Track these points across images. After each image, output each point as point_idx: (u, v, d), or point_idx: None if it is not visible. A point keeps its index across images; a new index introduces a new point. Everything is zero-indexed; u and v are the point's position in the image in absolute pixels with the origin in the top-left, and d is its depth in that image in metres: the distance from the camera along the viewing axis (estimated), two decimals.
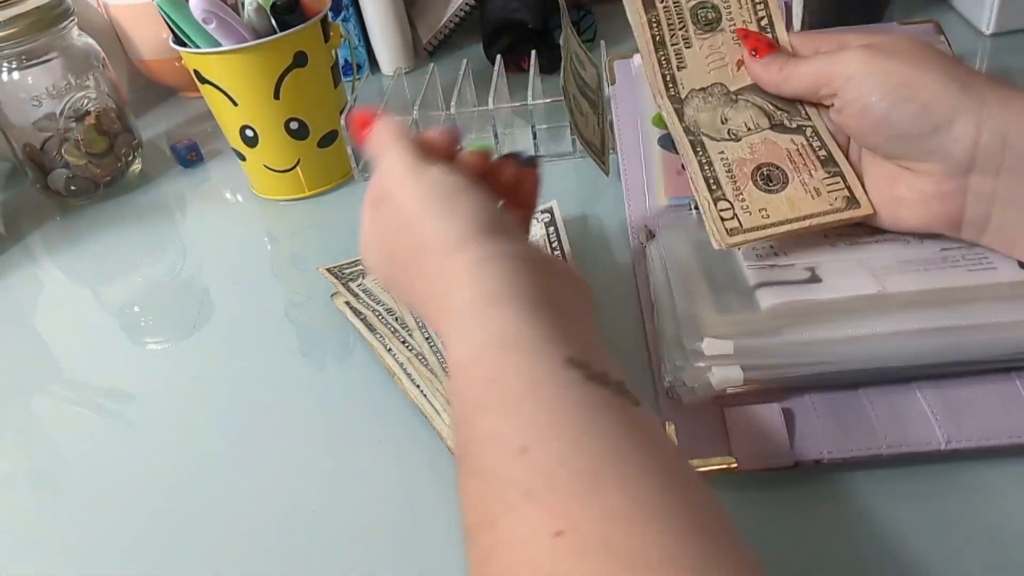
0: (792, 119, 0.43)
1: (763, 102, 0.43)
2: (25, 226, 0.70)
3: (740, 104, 0.43)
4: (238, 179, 0.70)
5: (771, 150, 0.42)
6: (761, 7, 0.44)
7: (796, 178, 0.41)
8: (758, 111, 0.43)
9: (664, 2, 0.43)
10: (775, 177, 0.41)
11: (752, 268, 0.41)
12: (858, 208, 0.40)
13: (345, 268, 0.52)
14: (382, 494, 0.39)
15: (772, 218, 0.40)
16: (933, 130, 0.36)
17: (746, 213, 0.40)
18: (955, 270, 0.38)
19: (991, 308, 0.37)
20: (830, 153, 0.42)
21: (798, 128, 0.42)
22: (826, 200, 0.40)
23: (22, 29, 0.63)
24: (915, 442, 0.35)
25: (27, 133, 0.68)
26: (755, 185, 0.41)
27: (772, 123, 0.43)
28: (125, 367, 0.52)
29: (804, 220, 0.40)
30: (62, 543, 0.40)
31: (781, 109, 0.43)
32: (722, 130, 0.43)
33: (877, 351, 0.37)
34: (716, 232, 0.40)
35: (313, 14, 0.60)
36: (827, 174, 0.41)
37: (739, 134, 0.43)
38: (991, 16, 0.70)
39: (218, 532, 0.39)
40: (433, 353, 0.44)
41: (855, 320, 0.37)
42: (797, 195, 0.41)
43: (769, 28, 0.44)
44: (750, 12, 0.44)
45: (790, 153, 0.42)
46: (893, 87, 0.37)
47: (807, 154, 0.42)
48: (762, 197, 0.41)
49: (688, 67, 0.43)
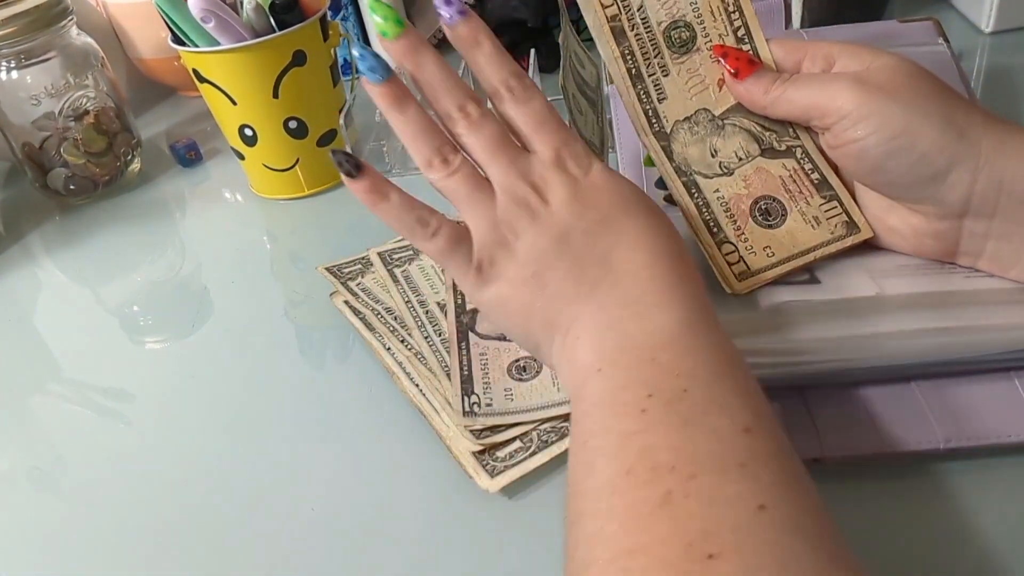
0: (781, 140, 0.41)
1: (750, 124, 0.42)
2: (24, 225, 0.70)
3: (728, 130, 0.42)
4: (237, 178, 0.70)
5: (765, 180, 0.41)
6: (736, 16, 0.41)
7: (794, 208, 0.40)
8: (747, 136, 0.42)
9: (635, 30, 0.41)
10: (773, 211, 0.40)
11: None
12: (858, 233, 0.40)
13: (344, 267, 0.52)
14: (381, 493, 0.39)
15: (777, 255, 0.40)
16: (929, 179, 0.36)
17: (751, 254, 0.40)
18: (953, 275, 0.38)
19: (989, 312, 0.37)
20: (823, 175, 0.41)
21: (788, 150, 0.41)
22: (826, 228, 0.40)
23: (21, 28, 0.63)
24: (913, 441, 0.35)
25: (26, 132, 0.67)
26: (755, 222, 0.40)
27: (762, 148, 0.41)
28: (124, 366, 0.52)
29: (808, 253, 0.40)
30: (62, 542, 0.40)
31: (769, 129, 0.42)
32: (713, 164, 0.41)
33: (876, 350, 0.37)
34: (725, 279, 0.40)
35: (312, 13, 0.60)
36: (823, 199, 0.40)
37: (731, 166, 0.41)
38: (991, 14, 0.70)
39: (217, 531, 0.39)
40: (432, 353, 0.44)
41: (853, 320, 0.37)
42: (798, 227, 0.40)
43: (747, 38, 0.41)
44: (725, 23, 0.42)
45: (784, 181, 0.41)
46: (891, 135, 0.35)
47: (800, 180, 0.41)
48: (764, 234, 0.40)
49: (669, 97, 0.42)
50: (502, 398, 0.40)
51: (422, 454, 0.40)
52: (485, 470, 0.38)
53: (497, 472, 0.37)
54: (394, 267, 0.50)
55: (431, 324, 0.46)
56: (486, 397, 0.40)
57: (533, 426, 0.39)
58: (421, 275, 0.50)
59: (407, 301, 0.47)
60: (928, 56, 0.51)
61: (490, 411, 0.39)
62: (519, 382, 0.41)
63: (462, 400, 0.40)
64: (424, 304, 0.47)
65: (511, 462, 0.38)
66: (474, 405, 0.39)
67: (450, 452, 0.39)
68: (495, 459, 0.38)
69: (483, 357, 0.42)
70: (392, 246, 0.53)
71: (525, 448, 0.38)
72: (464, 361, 0.41)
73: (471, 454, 0.38)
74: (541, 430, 0.39)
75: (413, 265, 0.51)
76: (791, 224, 0.40)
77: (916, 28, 0.52)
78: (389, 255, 0.52)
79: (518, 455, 0.38)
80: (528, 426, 0.39)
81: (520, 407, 0.40)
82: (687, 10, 0.41)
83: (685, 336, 0.31)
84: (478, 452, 0.38)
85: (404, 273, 0.50)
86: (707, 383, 0.29)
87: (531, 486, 0.38)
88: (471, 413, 0.39)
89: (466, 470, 0.38)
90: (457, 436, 0.39)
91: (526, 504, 0.37)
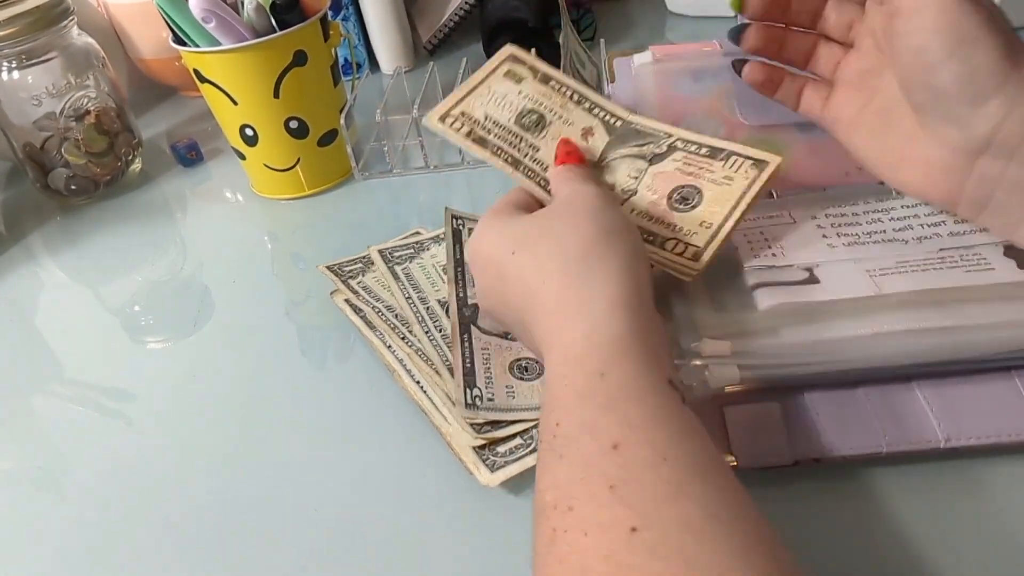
0: (659, 144, 0.44)
1: (626, 150, 0.44)
2: (25, 225, 0.70)
3: (612, 165, 0.44)
4: (238, 178, 0.70)
5: (667, 178, 0.43)
6: (563, 88, 0.46)
7: (704, 181, 0.42)
8: (630, 160, 0.44)
9: (491, 133, 0.45)
10: (688, 195, 0.42)
11: (751, 269, 0.41)
12: (767, 165, 0.41)
13: (345, 266, 0.52)
14: (383, 491, 0.39)
15: (715, 223, 0.40)
16: (970, 100, 0.35)
17: (692, 235, 0.40)
18: (953, 271, 0.38)
19: (989, 309, 0.37)
20: (709, 145, 0.43)
21: (669, 148, 0.44)
22: (741, 179, 0.41)
23: (22, 28, 0.64)
24: (914, 440, 0.35)
25: (27, 132, 0.68)
26: (679, 211, 0.41)
27: (648, 159, 0.44)
28: (125, 366, 0.52)
29: (739, 205, 0.40)
30: (63, 541, 0.40)
31: (644, 144, 0.44)
32: (618, 195, 0.43)
33: (875, 351, 0.37)
34: (682, 268, 0.40)
35: (313, 13, 0.60)
36: (721, 160, 0.42)
37: (632, 187, 0.43)
38: None
39: (219, 530, 0.39)
40: (434, 348, 0.44)
41: (853, 320, 0.37)
42: (716, 193, 0.41)
43: (583, 99, 0.46)
44: (558, 98, 0.46)
45: (681, 169, 0.43)
46: (956, 41, 0.34)
47: (693, 160, 0.43)
48: (692, 216, 0.41)
49: (551, 165, 0.44)
50: (504, 395, 0.40)
51: (423, 451, 0.40)
52: (485, 464, 0.38)
53: (497, 467, 0.37)
54: (395, 264, 0.50)
55: (432, 321, 0.46)
56: (488, 392, 0.40)
57: (534, 423, 0.39)
58: (422, 273, 0.50)
59: (408, 298, 0.47)
60: None
61: (492, 406, 0.39)
62: (521, 381, 0.41)
63: (464, 392, 0.40)
64: (425, 301, 0.47)
65: (511, 458, 0.38)
66: (476, 399, 0.39)
67: (450, 448, 0.39)
68: (495, 454, 0.38)
69: (485, 352, 0.42)
70: (393, 244, 0.53)
71: (526, 445, 0.38)
72: (466, 354, 0.41)
73: (471, 449, 0.38)
74: None
75: (414, 263, 0.51)
76: (709, 195, 0.41)
77: None
78: (390, 253, 0.52)
79: (519, 451, 0.38)
80: (529, 423, 0.39)
81: (522, 405, 0.40)
82: (524, 102, 0.46)
83: (554, 366, 0.32)
84: (478, 447, 0.38)
85: (405, 271, 0.50)
86: (573, 408, 0.30)
87: (533, 484, 0.38)
88: (473, 406, 0.39)
89: (466, 466, 0.38)
90: (457, 432, 0.39)
91: (526, 501, 0.37)
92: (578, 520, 0.26)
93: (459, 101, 0.46)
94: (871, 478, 0.35)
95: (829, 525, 0.34)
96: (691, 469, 0.27)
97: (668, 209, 0.42)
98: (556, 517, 0.27)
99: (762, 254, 0.42)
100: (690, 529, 0.25)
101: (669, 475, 0.26)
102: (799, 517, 0.34)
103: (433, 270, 0.50)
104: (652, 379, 0.30)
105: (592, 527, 0.26)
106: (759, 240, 0.42)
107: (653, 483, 0.26)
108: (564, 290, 0.34)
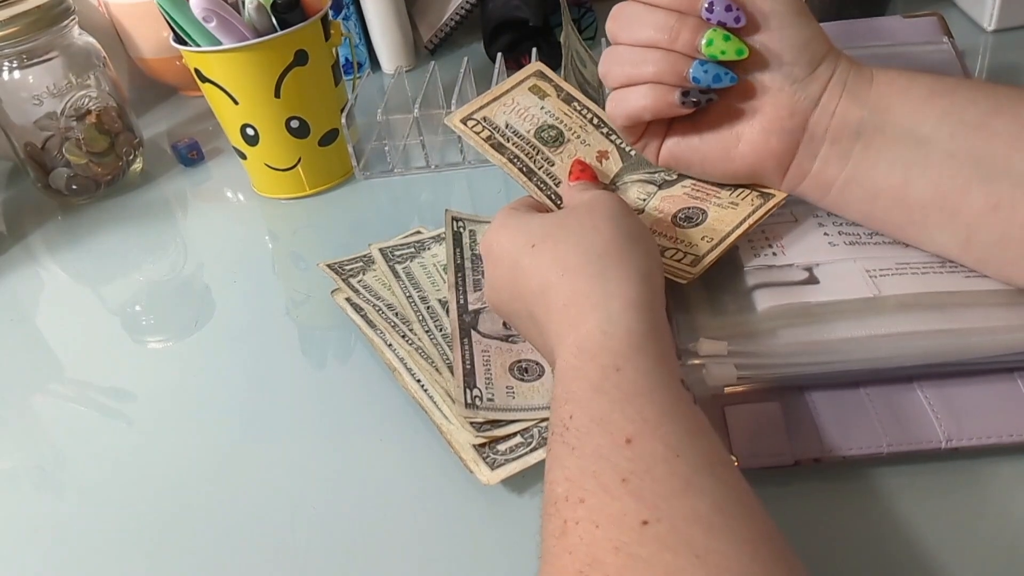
0: (670, 172, 0.45)
1: (639, 176, 0.46)
2: (26, 225, 0.70)
3: (622, 188, 0.46)
4: (239, 178, 0.70)
5: (674, 200, 0.44)
6: (585, 111, 0.48)
7: (710, 205, 0.43)
8: (640, 184, 0.45)
9: (510, 141, 0.46)
10: (693, 215, 0.43)
11: (751, 269, 0.41)
12: (774, 197, 0.42)
13: (346, 264, 0.52)
14: (383, 490, 0.39)
15: (716, 238, 0.41)
16: (807, 62, 0.38)
17: (693, 247, 0.41)
18: (952, 275, 0.38)
19: (987, 313, 0.37)
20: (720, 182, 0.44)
21: (679, 177, 0.45)
22: (746, 205, 0.42)
23: (23, 28, 0.64)
24: (916, 440, 0.35)
25: (28, 132, 0.68)
26: (682, 228, 0.42)
27: (658, 185, 0.45)
28: (126, 366, 0.52)
29: (741, 225, 0.41)
30: (64, 541, 0.40)
31: (656, 171, 0.45)
32: None
33: (874, 352, 0.36)
34: (679, 271, 0.40)
35: (314, 12, 0.60)
36: (729, 190, 0.43)
37: (639, 207, 0.44)
38: (993, 12, 0.70)
39: (219, 530, 0.39)
40: (434, 346, 0.44)
41: (851, 322, 0.37)
42: (721, 215, 0.42)
43: (602, 123, 0.47)
44: (579, 119, 0.47)
45: (689, 194, 0.44)
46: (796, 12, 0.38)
47: (701, 187, 0.44)
48: (695, 231, 0.42)
49: (563, 181, 0.45)
50: (504, 395, 0.40)
51: (423, 449, 0.40)
52: (485, 462, 0.38)
53: (497, 465, 0.37)
54: (395, 263, 0.50)
55: (432, 319, 0.46)
56: (488, 392, 0.40)
57: (534, 422, 0.39)
58: (422, 272, 0.50)
59: (408, 296, 0.47)
60: (933, 54, 0.51)
61: (491, 406, 0.39)
62: (521, 382, 0.41)
63: (464, 392, 0.40)
64: (425, 300, 0.47)
65: (511, 456, 0.38)
66: (476, 398, 0.39)
67: (450, 446, 0.39)
68: (495, 452, 0.38)
69: (485, 354, 0.42)
70: (394, 243, 0.53)
71: (526, 443, 0.38)
72: (467, 356, 0.42)
73: (471, 447, 0.38)
74: (542, 427, 0.39)
75: (415, 262, 0.51)
76: (714, 216, 0.42)
77: (920, 25, 0.52)
78: (391, 251, 0.52)
79: (519, 450, 0.38)
80: (529, 422, 0.39)
81: (521, 405, 0.39)
82: (545, 117, 0.47)
83: (568, 358, 0.33)
84: (479, 445, 0.38)
85: (406, 269, 0.50)
86: (587, 401, 0.30)
87: (532, 482, 0.38)
88: (472, 406, 0.39)
89: (466, 464, 0.38)
90: (458, 429, 0.39)
91: (526, 499, 0.37)
92: (590, 512, 0.26)
93: (482, 107, 0.47)
94: (872, 478, 0.35)
95: (830, 525, 0.34)
96: (702, 465, 0.28)
97: (671, 225, 0.43)
98: (567, 509, 0.27)
99: (763, 253, 0.41)
100: (700, 523, 0.25)
101: (681, 470, 0.27)
102: (799, 517, 0.34)
103: (434, 269, 0.50)
104: (665, 377, 0.31)
105: (604, 519, 0.26)
106: (760, 238, 0.42)
107: (665, 478, 0.27)
108: (582, 285, 0.34)
